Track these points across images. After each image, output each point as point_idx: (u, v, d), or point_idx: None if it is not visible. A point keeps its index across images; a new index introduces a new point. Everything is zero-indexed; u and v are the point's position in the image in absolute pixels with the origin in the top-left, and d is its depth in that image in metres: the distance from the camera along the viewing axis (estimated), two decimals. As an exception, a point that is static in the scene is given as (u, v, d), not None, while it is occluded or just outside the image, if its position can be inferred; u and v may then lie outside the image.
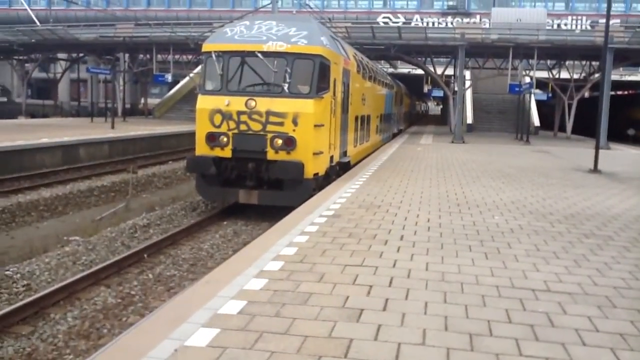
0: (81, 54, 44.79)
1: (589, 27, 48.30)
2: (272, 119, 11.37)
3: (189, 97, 41.84)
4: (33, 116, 41.11)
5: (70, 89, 55.09)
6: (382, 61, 41.48)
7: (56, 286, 7.44)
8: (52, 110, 45.98)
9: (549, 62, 34.94)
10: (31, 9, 51.79)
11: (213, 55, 11.95)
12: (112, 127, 27.63)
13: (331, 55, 12.40)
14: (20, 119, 37.06)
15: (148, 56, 40.39)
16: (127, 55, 41.25)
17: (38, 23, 45.50)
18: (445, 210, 9.04)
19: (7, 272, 8.08)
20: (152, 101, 48.45)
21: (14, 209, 12.71)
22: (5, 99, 47.95)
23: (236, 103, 11.49)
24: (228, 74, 11.81)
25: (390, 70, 43.92)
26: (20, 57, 45.95)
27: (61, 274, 8.35)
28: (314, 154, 11.59)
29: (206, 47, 12.33)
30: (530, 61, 32.59)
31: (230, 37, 12.12)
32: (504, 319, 4.44)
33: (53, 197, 14.16)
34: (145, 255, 9.26)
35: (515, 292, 5.09)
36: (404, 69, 46.18)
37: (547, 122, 39.93)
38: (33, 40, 39.29)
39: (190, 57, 40.24)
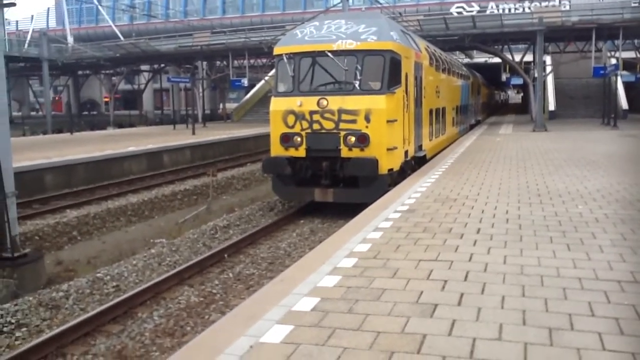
0: (162, 65, 46.74)
1: (680, 1, 45.14)
2: (344, 116, 11.41)
3: (265, 100, 42.67)
4: (120, 126, 43.29)
5: (154, 98, 57.56)
6: (457, 52, 40.62)
7: (143, 286, 7.81)
8: (138, 120, 48.24)
9: (636, 41, 32.96)
10: (115, 25, 54.55)
11: (284, 58, 12.14)
12: (193, 132, 28.63)
13: (402, 50, 12.29)
14: (109, 130, 39.12)
15: (225, 62, 41.57)
16: (205, 63, 42.65)
17: (122, 38, 47.90)
18: (525, 201, 8.74)
19: (98, 275, 8.56)
20: (230, 106, 49.90)
21: (104, 214, 13.45)
22: (95, 112, 50.74)
23: (308, 103, 11.61)
24: (299, 75, 11.95)
25: (466, 60, 42.95)
26: (107, 72, 48.56)
27: (147, 274, 8.76)
28: (388, 149, 11.52)
29: (277, 50, 12.53)
30: (616, 42, 30.87)
31: (301, 39, 12.26)
32: (587, 312, 4.25)
33: (140, 202, 14.85)
34: (226, 255, 9.55)
35: (599, 284, 4.85)
36: (481, 58, 44.98)
37: (637, 104, 37.68)
38: (118, 55, 41.39)
39: (264, 60, 41.05)
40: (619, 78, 31.26)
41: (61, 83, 49.85)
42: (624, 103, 35.47)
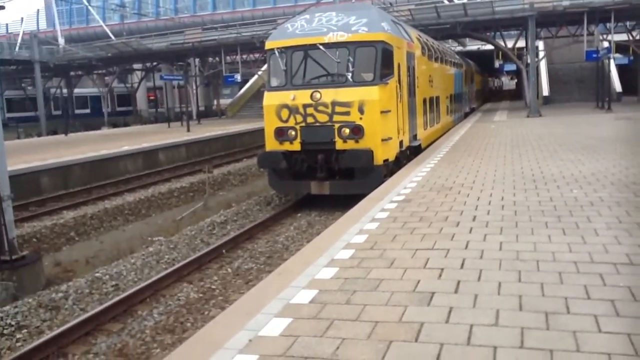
0: (155, 63, 46.58)
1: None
2: (338, 109, 11.41)
3: (258, 95, 42.59)
4: (115, 126, 43.19)
5: (148, 97, 57.39)
6: (450, 40, 40.54)
7: (142, 285, 7.83)
8: (132, 119, 48.11)
9: (627, 23, 32.93)
10: (106, 25, 54.28)
11: (276, 52, 12.12)
12: (188, 130, 28.60)
13: (393, 40, 12.28)
14: (104, 130, 39.04)
15: (217, 59, 41.46)
16: (197, 59, 42.51)
17: (113, 37, 47.66)
18: (520, 187, 8.76)
19: (97, 274, 8.58)
20: (224, 102, 49.79)
21: (101, 214, 13.45)
22: (88, 111, 50.58)
23: (302, 96, 11.60)
24: (292, 68, 11.94)
25: (459, 48, 42.88)
26: (100, 72, 48.38)
27: (146, 273, 8.78)
28: (383, 140, 11.53)
29: (269, 44, 12.51)
30: (608, 25, 30.84)
31: (292, 32, 12.24)
32: (583, 296, 4.28)
33: (136, 201, 14.85)
34: (224, 251, 9.57)
35: (595, 267, 4.88)
36: (473, 45, 44.91)
37: (631, 87, 37.69)
38: (110, 54, 41.25)
39: (257, 55, 40.94)
40: (612, 61, 31.28)
41: (54, 85, 49.57)
42: (617, 86, 35.49)
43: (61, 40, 48.42)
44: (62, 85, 47.69)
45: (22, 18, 61.16)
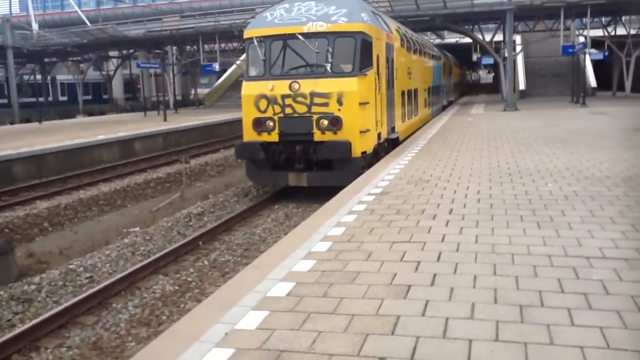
0: (131, 50, 45.92)
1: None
2: (316, 100, 11.37)
3: (237, 85, 42.26)
4: (90, 114, 42.53)
5: (124, 85, 56.55)
6: (429, 32, 40.66)
7: (117, 277, 7.73)
8: (108, 107, 47.43)
9: (603, 19, 33.39)
10: (81, 11, 53.32)
11: (255, 41, 12.01)
12: (165, 119, 28.30)
13: (373, 31, 12.25)
14: (79, 118, 38.42)
15: (195, 47, 41.04)
16: (175, 48, 42.03)
17: (89, 23, 46.79)
18: (496, 180, 8.85)
19: (71, 266, 8.46)
20: (202, 91, 49.31)
21: (76, 205, 13.26)
22: (65, 98, 49.71)
23: (280, 87, 11.54)
24: (270, 58, 11.86)
25: (437, 41, 43.05)
26: (75, 59, 47.55)
27: (121, 264, 8.68)
28: (361, 132, 11.53)
29: (247, 33, 12.39)
30: (584, 20, 31.22)
31: (271, 21, 12.14)
32: (556, 289, 4.33)
33: (112, 191, 14.66)
34: (201, 243, 9.50)
35: (568, 261, 4.95)
36: (452, 38, 45.14)
37: (605, 82, 38.29)
38: (85, 41, 40.58)
39: (235, 44, 40.63)
40: (587, 56, 31.67)
41: (27, 71, 48.60)
42: (592, 81, 35.98)
43: (35, 26, 47.38)
44: (37, 71, 46.77)
45: (-6, 2, 59.79)
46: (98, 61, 48.89)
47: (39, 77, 46.71)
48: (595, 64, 36.68)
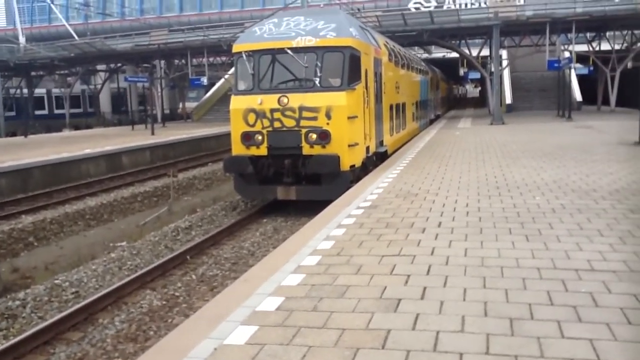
0: (119, 64, 45.82)
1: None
2: (305, 114, 11.39)
3: (225, 99, 42.29)
4: (77, 128, 42.27)
5: (111, 99, 56.33)
6: (416, 47, 41.00)
7: (103, 292, 7.64)
8: (95, 121, 47.18)
9: (588, 34, 33.87)
10: (69, 24, 53.18)
11: (243, 55, 12.04)
12: (152, 133, 28.20)
13: (361, 46, 12.33)
14: (65, 132, 38.17)
15: (183, 61, 41.05)
16: (163, 61, 41.99)
17: (76, 37, 46.70)
18: (484, 194, 8.88)
19: (56, 281, 8.34)
20: (190, 105, 49.23)
21: (61, 219, 13.12)
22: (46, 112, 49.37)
23: (269, 101, 11.54)
24: (259, 72, 11.87)
25: (425, 55, 43.38)
26: (62, 72, 47.32)
27: (108, 279, 8.58)
28: (349, 146, 11.55)
29: (236, 47, 12.42)
30: (569, 35, 31.65)
31: (260, 36, 12.17)
32: (546, 302, 4.34)
33: (98, 205, 14.54)
34: (188, 257, 9.42)
35: (557, 273, 4.96)
36: (439, 53, 45.55)
37: (591, 96, 38.74)
38: (72, 55, 40.39)
39: (224, 58, 40.67)
40: (572, 71, 32.06)
41: (14, 84, 48.29)
42: (577, 95, 36.41)
43: (22, 39, 47.17)
44: (23, 85, 46.48)
45: (-20, 15, 59.55)
46: (85, 75, 48.70)
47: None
48: (581, 78, 37.13)
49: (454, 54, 38.37)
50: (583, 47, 33.52)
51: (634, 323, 3.88)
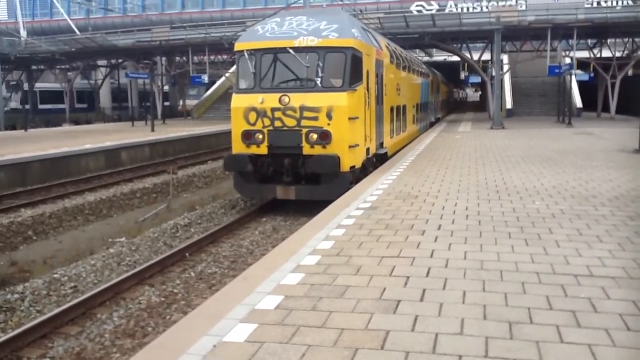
0: (120, 60, 45.77)
1: (630, 2, 46.54)
2: (306, 114, 11.40)
3: (226, 97, 42.28)
4: (77, 123, 42.23)
5: (111, 94, 56.29)
6: (417, 50, 41.05)
7: (102, 287, 7.65)
8: (95, 116, 47.13)
9: (589, 41, 33.94)
10: (71, 19, 53.11)
11: (245, 54, 12.04)
12: (152, 129, 28.18)
13: (363, 47, 12.34)
14: (65, 127, 38.13)
15: (184, 58, 41.02)
16: (164, 58, 41.95)
17: (78, 32, 46.62)
18: (484, 197, 8.90)
19: (55, 275, 8.35)
20: (190, 102, 49.13)
21: (60, 213, 13.11)
22: (49, 107, 49.31)
23: (270, 100, 11.55)
24: (261, 71, 11.88)
25: (426, 58, 43.46)
26: (62, 67, 47.28)
27: (107, 275, 8.58)
28: (350, 146, 11.56)
29: (238, 46, 12.42)
30: (570, 41, 31.71)
31: (262, 35, 12.18)
32: (545, 306, 4.35)
33: (97, 200, 14.53)
34: (187, 254, 9.43)
35: (556, 278, 4.98)
36: (440, 56, 45.63)
37: (590, 103, 38.78)
38: (73, 49, 40.36)
39: (225, 56, 40.64)
40: (573, 77, 32.10)
41: (14, 78, 48.21)
42: (578, 101, 36.44)
43: (23, 33, 47.13)
44: (23, 79, 46.43)
45: (-18, 8, 59.46)
46: (86, 70, 48.64)
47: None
48: (581, 85, 37.18)
49: (455, 58, 38.48)
50: (584, 54, 33.58)
51: (633, 329, 3.90)
